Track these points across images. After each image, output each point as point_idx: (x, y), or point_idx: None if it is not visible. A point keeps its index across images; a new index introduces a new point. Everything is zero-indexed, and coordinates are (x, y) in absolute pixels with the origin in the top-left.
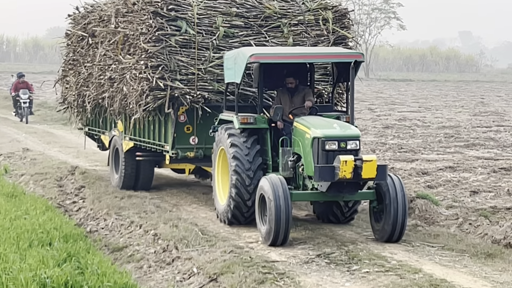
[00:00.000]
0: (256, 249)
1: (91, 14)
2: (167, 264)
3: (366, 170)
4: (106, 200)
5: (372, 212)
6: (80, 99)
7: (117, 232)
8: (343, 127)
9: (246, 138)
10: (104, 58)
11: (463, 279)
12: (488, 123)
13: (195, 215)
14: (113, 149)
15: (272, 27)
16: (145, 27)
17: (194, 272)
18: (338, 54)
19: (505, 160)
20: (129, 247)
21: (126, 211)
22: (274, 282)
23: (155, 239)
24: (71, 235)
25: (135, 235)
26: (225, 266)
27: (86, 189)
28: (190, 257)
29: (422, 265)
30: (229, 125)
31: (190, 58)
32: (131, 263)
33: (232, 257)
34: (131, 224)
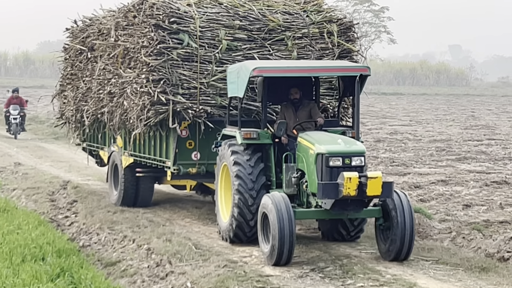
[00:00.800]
0: (250, 264)
1: (90, 28)
2: (161, 279)
3: (371, 187)
4: (99, 215)
5: (378, 230)
6: (78, 114)
7: (110, 246)
8: (348, 143)
9: (250, 156)
10: (103, 72)
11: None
12: (479, 137)
13: (189, 229)
14: (112, 165)
15: (276, 40)
16: (146, 40)
17: (188, 287)
18: (343, 68)
19: (496, 173)
20: (122, 262)
21: (119, 226)
22: None
23: (148, 253)
24: (64, 250)
25: (128, 250)
26: (219, 280)
27: (79, 204)
28: (184, 271)
29: (417, 279)
30: (232, 141)
31: (192, 72)
32: (125, 278)
33: (226, 271)
34: (124, 239)
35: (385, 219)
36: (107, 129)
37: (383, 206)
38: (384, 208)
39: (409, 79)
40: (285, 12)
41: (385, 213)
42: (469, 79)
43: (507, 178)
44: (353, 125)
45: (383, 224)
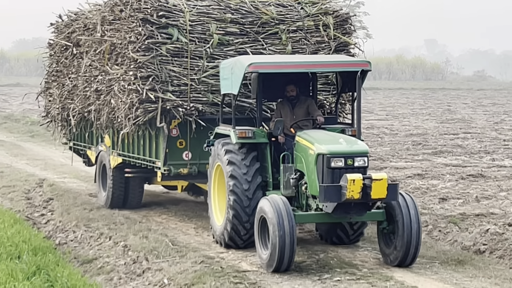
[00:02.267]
0: (227, 259)
1: (75, 23)
2: (138, 276)
3: (376, 190)
4: (75, 212)
5: (382, 234)
6: (64, 112)
7: (87, 244)
8: (350, 142)
9: (245, 155)
10: (89, 69)
11: (434, 286)
12: (455, 130)
13: (165, 225)
14: (100, 165)
15: (270, 33)
16: (134, 35)
17: (165, 284)
18: (343, 63)
19: (472, 166)
20: (98, 259)
21: (95, 223)
22: None
23: (125, 250)
24: (40, 248)
25: (105, 247)
26: (196, 276)
27: (55, 202)
28: (161, 268)
29: (393, 273)
30: (226, 140)
31: (183, 68)
32: (101, 275)
33: (203, 267)
34: (101, 236)
35: (389, 223)
36: (94, 128)
37: (386, 208)
38: (388, 211)
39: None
40: (279, 4)
41: (389, 216)
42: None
43: (483, 171)
44: (352, 122)
45: (387, 227)
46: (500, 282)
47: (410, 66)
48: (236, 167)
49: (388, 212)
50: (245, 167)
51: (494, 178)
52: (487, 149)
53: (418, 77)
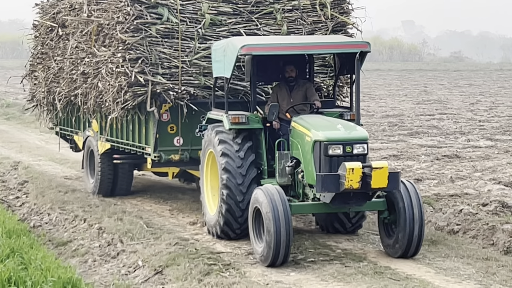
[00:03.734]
0: (201, 241)
1: (61, 3)
2: (112, 258)
3: (376, 179)
4: (50, 195)
5: (382, 224)
6: (50, 96)
7: (61, 226)
8: (349, 128)
9: (239, 146)
10: (76, 51)
11: (406, 266)
12: (431, 111)
13: (140, 208)
14: (88, 151)
15: (264, 13)
16: (122, 16)
17: (139, 265)
18: (342, 44)
19: (448, 147)
20: (73, 242)
21: (70, 205)
22: (220, 273)
23: (99, 233)
24: (14, 231)
25: (80, 229)
26: (171, 258)
27: (30, 184)
28: (135, 250)
29: (367, 254)
30: (219, 126)
31: (173, 50)
32: (76, 257)
33: (178, 249)
34: (75, 218)
35: (390, 212)
36: (81, 112)
37: (387, 197)
38: (389, 199)
39: None
40: None
41: (390, 205)
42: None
43: (458, 152)
44: (351, 106)
45: (388, 217)
46: (473, 262)
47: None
48: (230, 160)
49: (389, 201)
50: (239, 160)
51: (469, 158)
52: (463, 130)
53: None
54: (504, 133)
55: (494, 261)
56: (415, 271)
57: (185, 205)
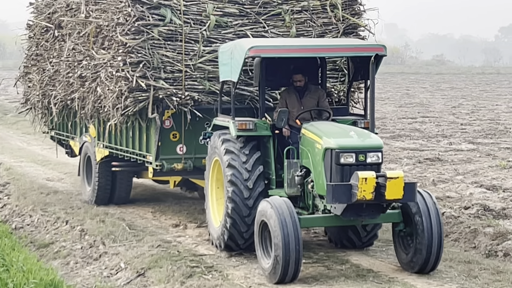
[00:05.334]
0: (184, 243)
1: (57, 2)
2: (94, 260)
3: (391, 190)
4: (32, 196)
5: (398, 237)
6: (45, 99)
7: (43, 228)
8: (362, 136)
9: (247, 157)
10: (73, 53)
11: (389, 268)
12: (413, 115)
13: (122, 210)
14: (85, 157)
15: (272, 14)
16: (123, 17)
17: (122, 267)
18: (356, 47)
19: (430, 150)
20: (55, 244)
21: (52, 207)
22: (202, 275)
23: (81, 234)
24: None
25: (62, 231)
26: (153, 260)
27: (11, 186)
28: (118, 252)
29: (349, 256)
30: (225, 133)
31: (177, 53)
32: (58, 259)
33: (160, 251)
34: (57, 220)
35: (406, 224)
36: (78, 117)
37: (403, 208)
38: (405, 211)
39: None
40: None
41: (406, 217)
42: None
43: (440, 155)
44: (365, 113)
45: (404, 230)
46: (455, 265)
47: None
48: (237, 172)
49: (404, 212)
50: (246, 172)
51: (451, 162)
52: (445, 133)
53: None
54: (486, 137)
55: (476, 264)
56: (398, 274)
57: (168, 207)
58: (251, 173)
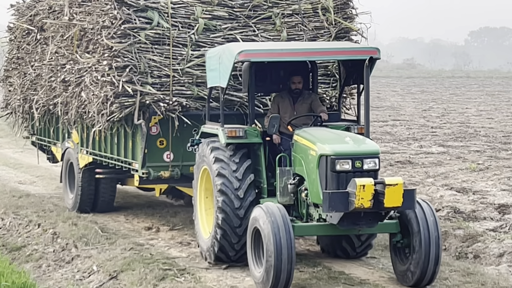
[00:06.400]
0: (156, 246)
1: (39, 4)
2: (67, 263)
3: (390, 197)
4: (3, 200)
5: (395, 248)
6: (26, 104)
7: (15, 231)
8: (358, 142)
9: (237, 166)
10: (56, 57)
11: (360, 271)
12: (384, 118)
13: (95, 213)
14: (67, 164)
15: (262, 18)
16: (108, 20)
17: (94, 270)
18: (349, 50)
19: (401, 153)
20: (27, 247)
21: (24, 210)
22: (175, 278)
23: (54, 238)
24: None
25: (34, 234)
26: (125, 263)
27: None
28: (90, 255)
29: (322, 259)
30: (214, 141)
31: (164, 57)
32: (30, 262)
33: (132, 254)
34: (30, 223)
35: (403, 235)
36: (60, 122)
37: (400, 219)
38: (402, 221)
39: None
40: None
41: (403, 227)
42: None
43: (411, 158)
44: (358, 118)
45: (401, 241)
46: None
47: None
48: (227, 181)
49: (402, 223)
50: (237, 181)
51: (422, 164)
52: (415, 136)
53: None
54: (456, 140)
55: (446, 266)
56: (369, 276)
57: (140, 209)
58: (241, 182)
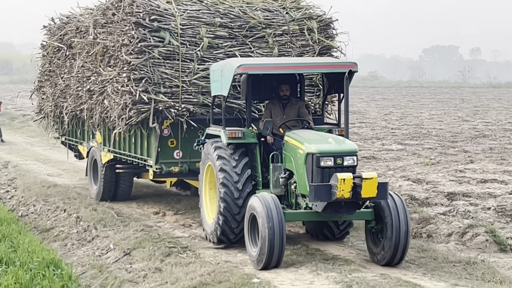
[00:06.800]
0: (163, 228)
1: (68, 25)
2: (88, 242)
3: (366, 189)
4: (35, 189)
5: (369, 233)
6: (57, 110)
7: (45, 216)
8: (339, 142)
9: (236, 162)
10: (82, 70)
11: (333, 248)
12: (352, 121)
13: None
14: (91, 160)
15: (257, 37)
16: (127, 38)
17: (111, 248)
18: (331, 64)
19: (366, 150)
20: (55, 228)
21: (52, 198)
22: (178, 254)
23: (77, 221)
24: (5, 219)
25: (60, 218)
26: (137, 242)
27: (18, 180)
28: (107, 235)
29: (301, 239)
30: (217, 141)
31: (174, 70)
32: (57, 241)
33: (143, 234)
34: (57, 209)
35: (377, 222)
36: (86, 125)
37: (375, 208)
38: (377, 210)
39: None
40: (265, 9)
41: (377, 216)
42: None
43: (374, 154)
44: (339, 122)
45: (375, 227)
46: None
47: None
48: (228, 175)
49: (376, 212)
50: (236, 175)
51: (383, 159)
52: (378, 136)
53: None
54: (412, 139)
55: None
56: (340, 252)
57: (150, 197)
58: (240, 176)
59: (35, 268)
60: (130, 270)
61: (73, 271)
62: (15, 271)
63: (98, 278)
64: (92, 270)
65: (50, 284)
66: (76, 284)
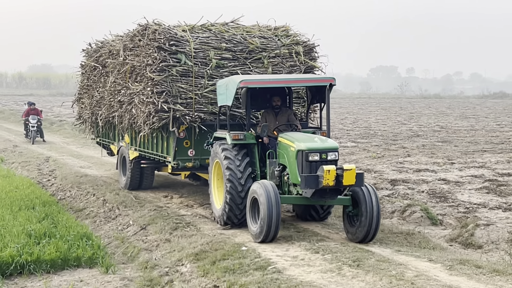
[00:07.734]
0: (171, 208)
1: (102, 49)
2: (112, 219)
3: (347, 178)
4: (70, 178)
5: (347, 216)
6: (93, 116)
7: (78, 199)
8: (323, 141)
9: (237, 152)
10: (114, 85)
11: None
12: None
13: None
14: (121, 157)
15: (255, 59)
16: (151, 59)
17: (130, 224)
18: (315, 79)
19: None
20: (86, 209)
21: (84, 185)
22: (183, 228)
23: (104, 203)
24: (47, 202)
25: (90, 201)
26: (151, 219)
27: (57, 171)
28: (128, 214)
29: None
30: (223, 142)
31: (189, 85)
32: (88, 219)
33: (155, 213)
34: (87, 194)
35: (353, 207)
36: (117, 129)
37: (352, 196)
38: (353, 197)
39: None
40: (261, 36)
41: (354, 202)
42: None
43: None
44: (320, 126)
45: (352, 211)
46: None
47: None
48: (231, 161)
49: (353, 199)
50: (238, 160)
51: (341, 154)
52: (336, 136)
53: None
54: (363, 138)
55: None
56: (308, 226)
57: (160, 184)
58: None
59: (71, 240)
60: (145, 241)
61: (101, 242)
62: (56, 242)
63: (121, 247)
64: (116, 241)
65: (83, 252)
66: (103, 252)
